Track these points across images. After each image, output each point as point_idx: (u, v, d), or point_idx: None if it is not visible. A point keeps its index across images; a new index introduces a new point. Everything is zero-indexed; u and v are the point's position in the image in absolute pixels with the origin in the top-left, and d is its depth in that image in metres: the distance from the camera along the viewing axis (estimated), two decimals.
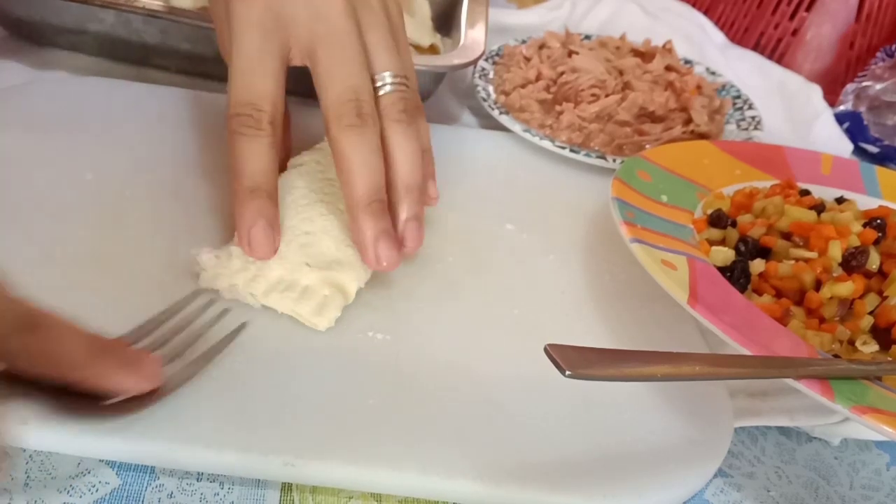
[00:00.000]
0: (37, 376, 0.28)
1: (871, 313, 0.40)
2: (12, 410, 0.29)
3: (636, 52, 0.68)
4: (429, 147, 0.43)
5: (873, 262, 0.42)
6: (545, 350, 0.29)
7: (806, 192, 0.50)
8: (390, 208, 0.39)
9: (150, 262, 0.40)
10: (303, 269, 0.39)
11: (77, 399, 0.29)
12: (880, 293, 0.41)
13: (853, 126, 0.71)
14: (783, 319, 0.40)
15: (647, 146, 0.58)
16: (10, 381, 0.27)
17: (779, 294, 0.42)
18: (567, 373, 0.28)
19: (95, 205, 0.44)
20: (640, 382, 0.38)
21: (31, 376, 0.27)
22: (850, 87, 0.73)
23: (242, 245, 0.38)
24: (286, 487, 0.34)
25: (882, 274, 0.42)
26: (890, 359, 0.39)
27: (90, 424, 0.31)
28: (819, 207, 0.47)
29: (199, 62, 0.59)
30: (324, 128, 0.38)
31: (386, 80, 0.39)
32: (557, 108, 0.60)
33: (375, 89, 0.39)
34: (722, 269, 0.43)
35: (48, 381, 0.28)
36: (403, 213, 0.39)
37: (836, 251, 0.42)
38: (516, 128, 0.58)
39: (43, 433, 0.31)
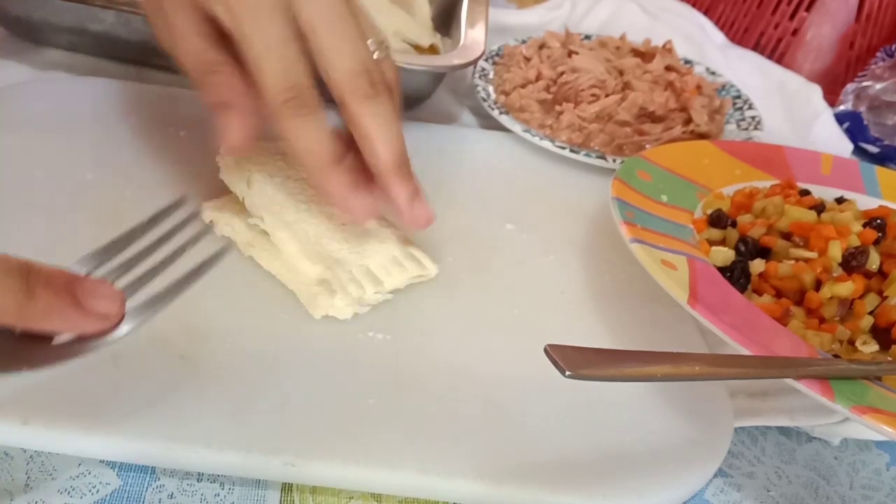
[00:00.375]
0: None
1: (871, 313, 0.40)
2: None
3: (636, 52, 0.68)
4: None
5: (873, 262, 0.42)
6: (545, 350, 0.29)
7: (806, 192, 0.50)
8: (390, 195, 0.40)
9: None
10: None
11: (24, 340, 0.25)
12: (880, 293, 0.41)
13: (853, 126, 0.71)
14: (783, 319, 0.40)
15: (647, 146, 0.58)
16: None
17: (779, 294, 0.42)
18: (567, 373, 0.28)
19: (95, 205, 0.44)
20: (640, 382, 0.38)
21: None
22: (850, 87, 0.73)
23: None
24: (286, 488, 0.34)
25: (882, 274, 0.42)
26: (890, 359, 0.39)
27: (34, 370, 0.26)
28: (819, 207, 0.47)
29: None
30: (337, 102, 0.38)
31: (372, 46, 0.39)
32: (557, 108, 0.60)
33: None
34: (722, 269, 0.43)
35: None
36: (403, 190, 0.40)
37: (836, 251, 0.42)
38: (516, 128, 0.58)
39: (43, 434, 0.31)
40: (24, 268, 0.26)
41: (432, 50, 0.63)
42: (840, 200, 0.51)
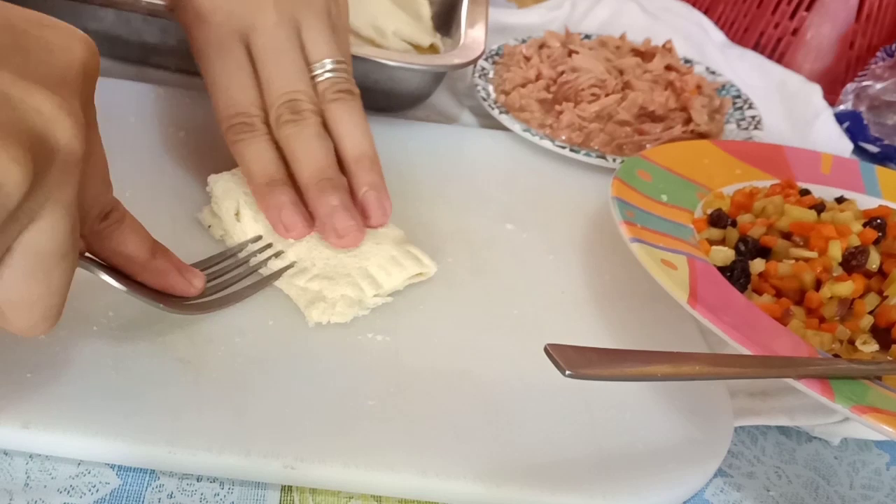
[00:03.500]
0: (106, 262, 0.33)
1: (871, 313, 0.40)
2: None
3: (636, 52, 0.68)
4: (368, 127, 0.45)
5: (873, 261, 0.42)
6: (545, 350, 0.29)
7: (806, 192, 0.50)
8: (351, 187, 0.42)
9: None
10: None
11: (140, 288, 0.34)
12: (880, 293, 0.41)
13: (853, 126, 0.71)
14: (783, 319, 0.40)
15: (647, 146, 0.58)
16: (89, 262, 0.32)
17: (779, 294, 0.42)
18: (567, 372, 0.28)
19: None
20: (640, 382, 0.38)
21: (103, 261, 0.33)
22: (850, 86, 0.73)
23: (279, 231, 0.41)
24: (286, 488, 0.34)
25: (882, 274, 0.42)
26: (890, 358, 0.39)
27: (151, 306, 0.35)
28: (819, 207, 0.47)
29: None
30: None
31: (325, 66, 0.43)
32: (557, 107, 0.60)
33: (315, 77, 0.42)
34: (722, 269, 0.43)
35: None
36: (359, 185, 0.42)
37: (836, 251, 0.42)
38: (516, 127, 0.58)
39: (44, 437, 0.31)
40: (153, 239, 0.34)
41: (432, 50, 0.63)
42: (840, 200, 0.51)
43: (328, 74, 0.42)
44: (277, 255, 0.41)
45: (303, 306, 0.39)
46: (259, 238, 0.42)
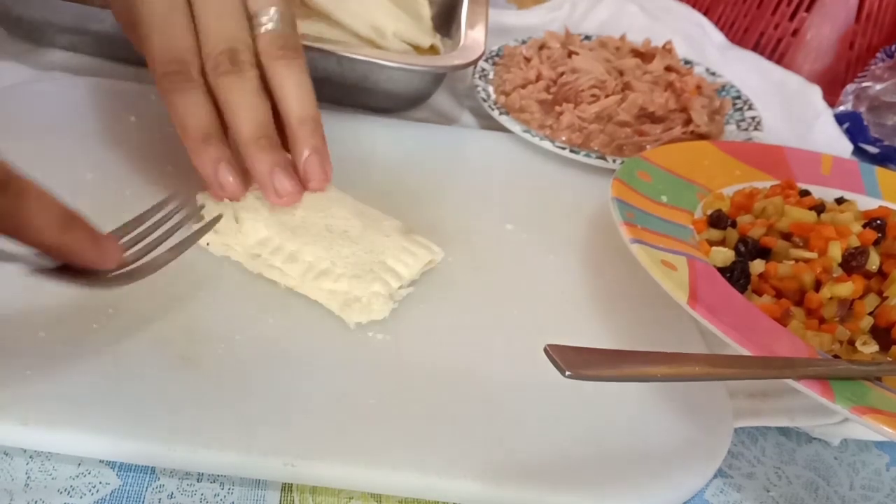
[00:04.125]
0: (11, 236, 0.30)
1: (870, 314, 0.40)
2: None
3: (636, 53, 0.68)
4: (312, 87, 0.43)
5: (873, 262, 0.42)
6: (545, 350, 0.29)
7: (806, 193, 0.50)
8: (292, 153, 0.40)
9: None
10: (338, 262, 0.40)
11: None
12: (880, 293, 0.41)
13: (853, 126, 0.71)
14: (783, 320, 0.40)
15: (647, 147, 0.58)
16: None
17: (779, 294, 0.42)
18: (567, 373, 0.28)
19: (95, 205, 0.44)
20: (640, 382, 0.38)
21: (6, 235, 0.29)
22: (849, 87, 0.73)
23: (213, 190, 0.39)
24: (286, 488, 0.34)
25: (882, 274, 0.42)
26: (890, 359, 0.39)
27: (58, 284, 0.32)
28: (819, 208, 0.47)
29: None
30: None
31: (269, 16, 0.40)
32: (557, 108, 0.60)
33: (257, 28, 0.40)
34: (722, 270, 0.43)
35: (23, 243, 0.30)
36: (301, 148, 0.40)
37: (835, 252, 0.42)
38: (516, 128, 0.58)
39: (43, 434, 0.31)
40: (64, 208, 0.31)
41: (432, 50, 0.63)
42: (840, 201, 0.51)
43: (271, 25, 0.40)
44: (200, 210, 0.39)
45: (337, 309, 0.39)
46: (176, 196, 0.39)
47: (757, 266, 0.43)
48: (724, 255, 0.44)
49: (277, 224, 0.41)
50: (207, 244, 0.41)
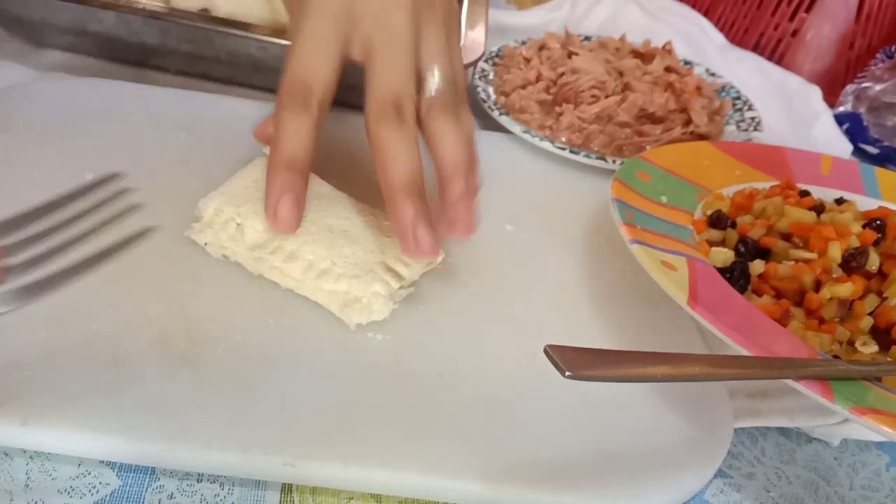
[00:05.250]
0: None
1: (870, 314, 0.40)
2: None
3: (636, 53, 0.68)
4: (472, 136, 0.42)
5: (873, 262, 0.42)
6: (545, 351, 0.29)
7: (806, 193, 0.50)
8: (442, 198, 0.39)
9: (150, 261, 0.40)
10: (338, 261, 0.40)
11: None
12: (880, 294, 0.41)
13: (853, 127, 0.71)
14: (783, 320, 0.40)
15: (647, 147, 0.58)
16: None
17: (778, 295, 0.42)
18: (567, 373, 0.28)
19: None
20: (640, 383, 0.38)
21: None
22: (849, 87, 0.74)
23: (268, 214, 0.38)
24: (286, 488, 0.34)
25: (882, 275, 0.42)
26: (889, 359, 0.39)
27: None
28: (819, 208, 0.47)
29: (198, 63, 0.59)
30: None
31: (433, 76, 0.41)
32: (557, 109, 0.60)
33: (422, 86, 0.40)
34: (722, 270, 0.43)
35: None
36: (452, 192, 0.39)
37: (835, 252, 0.42)
38: (516, 129, 0.58)
39: (43, 434, 0.31)
40: None
41: None
42: (840, 201, 0.51)
43: (436, 84, 0.40)
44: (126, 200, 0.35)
45: (337, 310, 0.39)
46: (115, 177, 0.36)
47: (757, 266, 0.43)
48: (724, 256, 0.44)
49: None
50: (206, 244, 0.41)
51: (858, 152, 0.70)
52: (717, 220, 0.47)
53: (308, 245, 0.40)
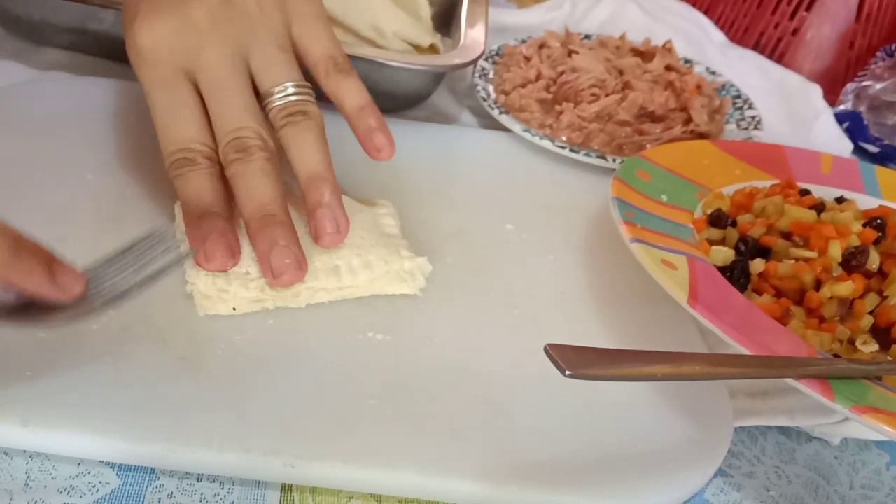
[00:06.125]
0: None
1: (871, 313, 0.40)
2: None
3: (636, 52, 0.68)
4: (367, 101, 0.43)
5: (873, 261, 0.42)
6: (545, 350, 0.29)
7: (806, 192, 0.50)
8: (305, 210, 0.40)
9: None
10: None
11: None
12: (880, 293, 0.41)
13: (853, 126, 0.71)
14: (783, 319, 0.40)
15: (647, 146, 0.58)
16: None
17: (779, 294, 0.42)
18: (567, 373, 0.28)
19: (95, 205, 0.44)
20: (640, 382, 0.38)
21: None
22: (850, 86, 0.73)
23: (199, 261, 0.38)
24: (286, 488, 0.34)
25: (882, 274, 0.42)
26: (890, 359, 0.39)
27: (8, 326, 0.31)
28: (819, 207, 0.47)
29: None
30: None
31: (278, 92, 0.41)
32: (557, 107, 0.60)
33: (266, 106, 0.41)
34: (722, 269, 0.43)
35: None
36: (309, 202, 0.40)
37: (836, 251, 0.42)
38: (516, 127, 0.58)
39: (43, 435, 0.31)
40: (15, 233, 0.30)
41: (432, 50, 0.63)
42: (840, 200, 0.51)
43: (279, 101, 0.41)
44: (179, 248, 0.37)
45: (395, 289, 0.41)
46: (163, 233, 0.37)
47: (757, 265, 0.43)
48: (724, 255, 0.44)
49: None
50: (234, 309, 0.39)
51: (859, 151, 0.70)
52: (718, 219, 0.47)
53: (332, 253, 0.40)
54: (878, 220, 0.45)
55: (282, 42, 0.42)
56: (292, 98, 0.41)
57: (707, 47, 0.79)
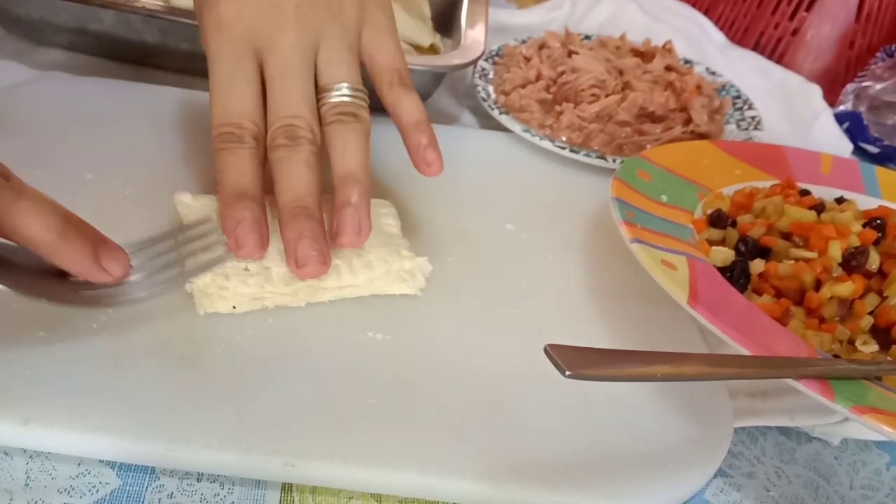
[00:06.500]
0: (9, 235, 0.30)
1: (870, 313, 0.40)
2: None
3: (636, 52, 0.68)
4: (424, 118, 0.44)
5: (873, 262, 0.42)
6: (545, 350, 0.29)
7: (806, 192, 0.50)
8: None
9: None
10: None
11: (39, 278, 0.31)
12: (880, 293, 0.41)
13: (853, 126, 0.71)
14: (783, 319, 0.40)
15: (647, 146, 0.58)
16: None
17: (779, 294, 0.42)
18: (567, 373, 0.28)
19: (95, 205, 0.44)
20: (640, 382, 0.38)
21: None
22: (850, 86, 0.73)
23: (230, 244, 0.38)
24: (286, 488, 0.34)
25: (882, 274, 0.42)
26: (890, 359, 0.39)
27: (50, 303, 0.32)
28: (819, 207, 0.47)
29: (198, 62, 0.59)
30: None
31: (336, 91, 0.42)
32: (557, 108, 0.60)
33: (322, 98, 0.42)
34: (722, 269, 0.43)
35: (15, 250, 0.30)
36: (337, 200, 0.40)
37: (835, 251, 0.42)
38: (516, 128, 0.58)
39: (43, 433, 0.31)
40: (66, 213, 0.32)
41: (432, 50, 0.63)
42: (840, 200, 0.51)
43: (335, 99, 0.41)
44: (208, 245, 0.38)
45: (395, 289, 0.41)
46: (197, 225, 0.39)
47: (757, 266, 0.43)
48: (724, 255, 0.44)
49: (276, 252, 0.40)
50: (234, 307, 0.39)
51: (859, 151, 0.70)
52: (718, 220, 0.47)
53: (333, 253, 0.40)
54: (878, 221, 0.45)
55: (351, 42, 0.43)
56: (347, 98, 0.41)
57: (707, 47, 0.79)
